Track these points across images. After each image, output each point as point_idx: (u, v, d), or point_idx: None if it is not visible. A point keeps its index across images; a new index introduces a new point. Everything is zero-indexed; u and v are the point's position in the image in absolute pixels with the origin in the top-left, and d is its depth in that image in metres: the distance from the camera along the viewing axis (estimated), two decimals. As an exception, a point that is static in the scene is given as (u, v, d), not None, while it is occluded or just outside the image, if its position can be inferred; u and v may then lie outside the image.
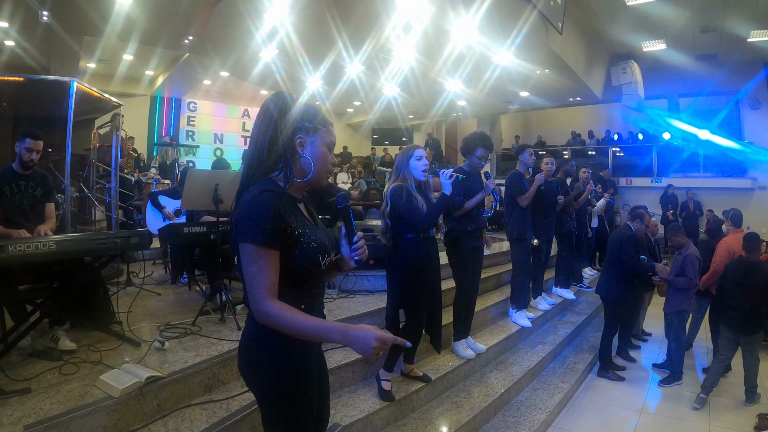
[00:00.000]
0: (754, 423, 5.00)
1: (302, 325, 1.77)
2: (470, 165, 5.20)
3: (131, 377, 2.93)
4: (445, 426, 4.04)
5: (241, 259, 1.82)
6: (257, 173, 1.94)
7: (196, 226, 4.84)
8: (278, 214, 1.82)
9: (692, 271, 5.96)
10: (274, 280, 1.80)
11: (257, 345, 1.91)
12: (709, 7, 12.11)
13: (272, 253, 1.81)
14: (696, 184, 16.34)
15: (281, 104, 1.96)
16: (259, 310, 1.77)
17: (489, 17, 9.59)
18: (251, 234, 1.78)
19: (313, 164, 1.97)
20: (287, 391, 1.92)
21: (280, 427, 1.97)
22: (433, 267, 4.20)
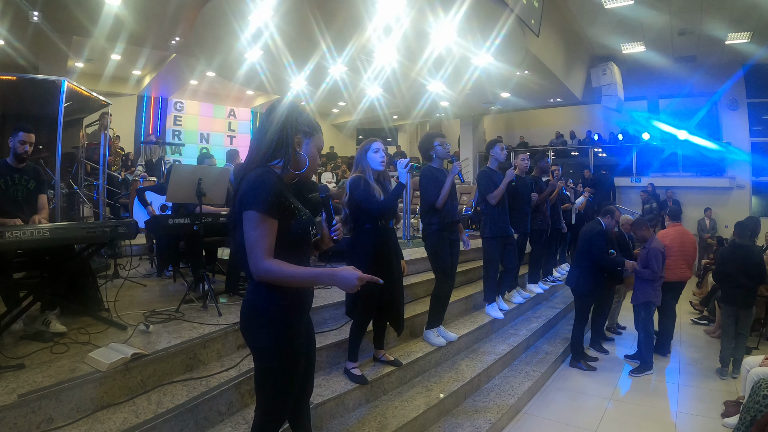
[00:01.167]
0: (721, 410, 5.18)
1: (297, 274, 2.20)
2: (438, 160, 5.27)
3: (117, 354, 3.16)
4: (416, 407, 4.23)
5: (245, 225, 2.21)
6: (262, 160, 2.36)
7: (181, 217, 5.04)
8: (278, 190, 2.25)
9: (656, 263, 6.24)
10: (271, 244, 2.20)
11: (255, 310, 2.32)
12: (686, 11, 12.34)
13: (272, 221, 2.21)
14: (675, 183, 16.60)
15: (290, 109, 2.44)
16: (260, 267, 2.16)
17: (467, 20, 9.74)
18: (256, 203, 2.19)
19: (308, 161, 2.46)
20: (280, 349, 2.31)
21: (271, 379, 2.36)
22: (392, 256, 4.29)
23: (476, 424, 4.39)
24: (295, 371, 2.40)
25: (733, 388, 5.83)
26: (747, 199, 16.01)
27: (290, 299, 2.33)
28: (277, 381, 2.36)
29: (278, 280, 2.20)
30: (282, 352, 2.33)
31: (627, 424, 5.00)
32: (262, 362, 2.36)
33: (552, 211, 8.37)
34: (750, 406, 4.26)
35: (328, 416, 3.84)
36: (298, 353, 2.40)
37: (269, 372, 2.36)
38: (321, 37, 10.99)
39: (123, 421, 2.84)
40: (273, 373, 2.35)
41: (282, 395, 2.40)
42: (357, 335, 4.26)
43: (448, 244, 5.14)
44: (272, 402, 2.40)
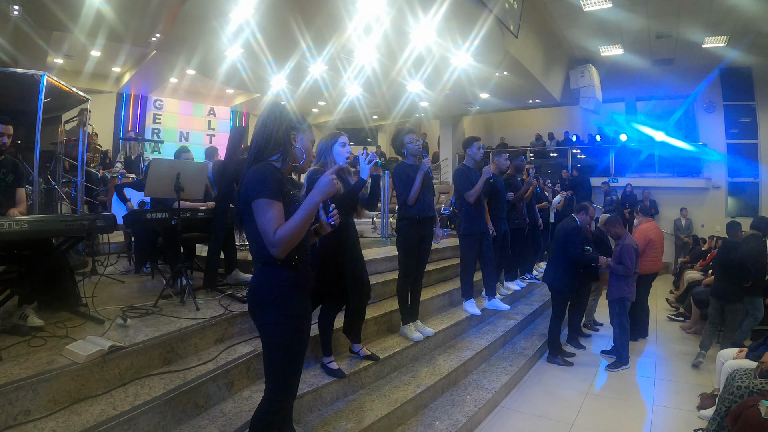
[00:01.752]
0: (697, 403, 5.28)
1: (297, 218, 2.41)
2: (410, 156, 5.29)
3: (95, 346, 3.17)
4: (393, 401, 4.27)
5: (256, 213, 2.44)
6: (263, 155, 2.61)
7: (159, 212, 5.03)
8: (279, 179, 2.51)
9: (629, 260, 6.34)
10: (281, 222, 2.42)
11: (260, 290, 2.58)
12: (663, 15, 12.46)
13: (278, 204, 2.45)
14: (652, 184, 16.80)
15: (282, 109, 2.70)
16: (273, 241, 2.39)
17: (446, 20, 9.77)
18: (262, 192, 2.43)
19: (304, 155, 2.76)
20: (284, 324, 2.57)
21: (279, 354, 2.61)
22: (352, 251, 4.29)
23: (453, 418, 4.44)
24: (300, 346, 2.67)
25: (709, 382, 5.92)
26: (723, 199, 16.28)
27: (290, 280, 2.57)
28: (285, 356, 2.61)
29: (291, 236, 2.40)
30: (286, 327, 2.57)
31: (604, 418, 5.07)
32: (269, 338, 2.61)
33: (528, 209, 8.38)
34: (725, 397, 4.35)
35: (306, 410, 3.86)
36: (300, 331, 2.66)
37: (276, 348, 2.60)
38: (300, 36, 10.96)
39: (100, 413, 2.86)
40: (280, 349, 2.59)
41: (289, 370, 2.65)
42: (325, 328, 4.28)
43: (417, 240, 5.17)
44: (281, 377, 2.64)
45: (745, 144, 16.29)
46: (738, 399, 4.19)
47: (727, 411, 4.19)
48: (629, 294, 6.49)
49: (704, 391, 5.44)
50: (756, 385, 4.22)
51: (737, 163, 16.18)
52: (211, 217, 5.32)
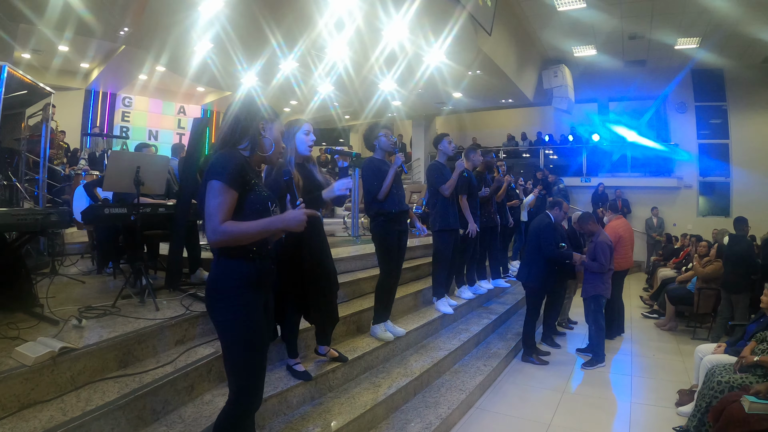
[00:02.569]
0: (675, 399, 5.26)
1: (251, 227, 2.36)
2: (380, 151, 5.16)
3: (45, 348, 2.98)
4: (363, 403, 4.13)
5: (207, 194, 2.35)
6: (229, 143, 2.56)
7: (117, 207, 4.84)
8: (242, 166, 2.44)
9: (603, 256, 6.31)
10: (230, 212, 2.36)
11: (215, 284, 2.48)
12: (636, 16, 12.55)
13: (232, 192, 2.37)
14: (624, 183, 16.95)
15: (253, 100, 2.65)
16: (218, 230, 2.30)
17: (419, 16, 9.68)
18: (220, 174, 2.35)
19: (273, 145, 2.66)
20: (238, 322, 2.44)
21: (235, 354, 2.49)
22: (316, 246, 4.08)
23: (426, 420, 4.33)
24: (258, 344, 2.53)
25: (686, 378, 5.89)
26: (694, 198, 16.52)
27: (247, 274, 2.47)
28: (244, 352, 2.48)
29: (236, 237, 2.34)
30: (241, 324, 2.45)
31: (581, 416, 5.01)
32: (226, 334, 2.49)
33: (498, 207, 8.35)
34: (705, 392, 4.34)
35: (271, 414, 3.70)
36: (257, 327, 2.51)
37: (234, 344, 2.48)
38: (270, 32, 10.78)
39: (49, 419, 2.68)
40: (236, 347, 2.48)
41: (251, 367, 2.52)
42: (290, 328, 4.12)
43: (396, 236, 5.05)
44: (243, 376, 2.51)
45: (716, 144, 16.53)
46: (719, 394, 4.18)
47: (707, 407, 4.17)
48: (604, 291, 6.48)
49: (682, 388, 5.41)
50: (737, 380, 4.21)
51: (708, 162, 16.42)
52: (173, 213, 5.12)
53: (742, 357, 4.41)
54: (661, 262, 12.58)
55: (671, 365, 6.57)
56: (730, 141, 16.31)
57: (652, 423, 4.86)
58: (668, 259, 12.25)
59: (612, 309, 7.35)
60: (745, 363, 4.32)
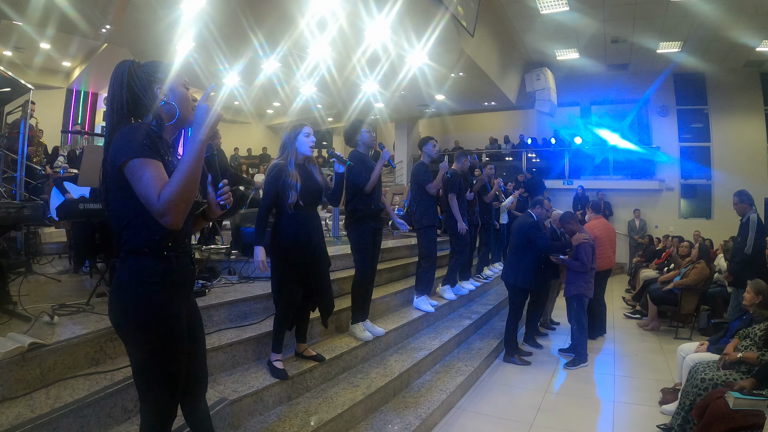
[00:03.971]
0: (659, 398, 5.25)
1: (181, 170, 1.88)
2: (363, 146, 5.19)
3: (14, 343, 2.90)
4: (341, 403, 4.08)
5: (130, 179, 1.93)
6: (119, 125, 2.06)
7: (93, 202, 4.75)
8: (151, 137, 2.01)
9: (586, 256, 6.32)
10: (164, 180, 1.92)
11: (121, 288, 2.07)
12: (619, 19, 12.64)
13: (155, 162, 1.95)
14: (606, 186, 17.11)
15: (127, 67, 2.14)
16: (158, 204, 1.87)
17: (401, 17, 9.63)
18: (132, 151, 1.92)
19: (177, 107, 2.17)
20: (150, 333, 2.05)
21: (147, 371, 2.10)
22: (314, 243, 4.11)
23: (406, 420, 4.29)
24: (176, 359, 2.13)
25: (669, 377, 5.91)
26: (676, 200, 16.70)
27: (160, 274, 2.08)
28: (156, 373, 2.11)
29: (180, 193, 1.87)
30: (155, 336, 2.06)
31: (564, 416, 4.99)
32: (135, 351, 2.11)
33: (484, 208, 8.37)
34: (688, 390, 4.36)
35: (246, 414, 3.65)
36: (175, 338, 2.12)
37: (145, 363, 2.10)
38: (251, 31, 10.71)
39: (16, 416, 2.60)
40: (150, 364, 2.10)
41: (164, 390, 2.13)
42: (280, 324, 4.09)
43: (371, 233, 5.04)
44: (152, 402, 2.15)
45: (697, 147, 16.71)
46: (702, 392, 4.19)
47: (691, 405, 4.18)
48: (587, 291, 6.49)
49: (666, 386, 5.41)
50: (720, 377, 4.23)
51: (690, 165, 16.59)
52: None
53: (725, 354, 4.42)
54: (643, 263, 12.65)
55: (654, 364, 6.58)
56: (711, 144, 16.50)
57: (636, 422, 4.86)
58: (650, 260, 12.33)
59: (594, 310, 7.34)
60: (729, 360, 4.33)
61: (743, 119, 16.08)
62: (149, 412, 2.14)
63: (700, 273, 7.91)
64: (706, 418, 3.80)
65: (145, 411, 2.15)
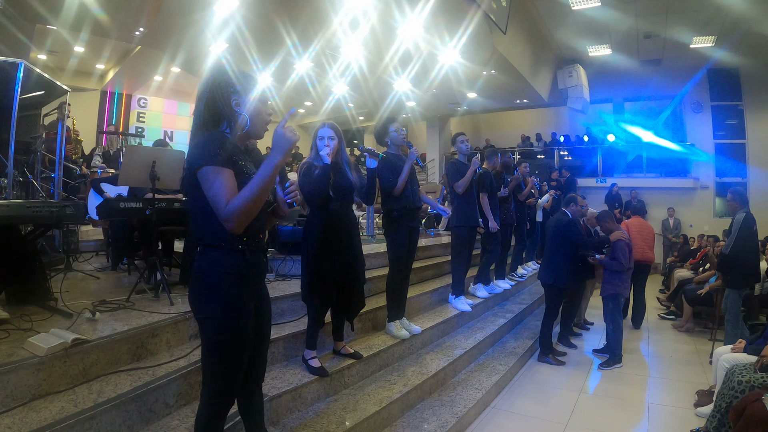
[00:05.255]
0: (694, 400, 5.17)
1: (253, 186, 2.12)
2: (393, 146, 5.15)
3: (58, 339, 2.96)
4: (378, 401, 4.09)
5: (203, 185, 2.18)
6: (201, 129, 2.33)
7: (132, 201, 4.81)
8: (223, 145, 2.24)
9: (622, 255, 6.26)
10: (233, 191, 2.16)
11: (200, 278, 2.31)
12: (651, 14, 12.49)
13: (227, 171, 2.19)
14: (640, 184, 16.85)
15: (217, 73, 2.38)
16: (227, 209, 2.11)
17: (434, 15, 9.64)
18: (206, 158, 2.17)
19: (249, 119, 2.35)
20: (224, 320, 2.28)
21: (216, 354, 2.32)
22: (345, 241, 4.12)
23: (442, 419, 4.28)
24: (242, 346, 2.35)
25: (704, 379, 5.80)
26: (711, 199, 16.39)
27: (234, 266, 2.30)
28: (222, 356, 2.32)
29: (245, 206, 2.11)
30: (226, 323, 2.28)
31: (598, 417, 4.94)
32: (206, 334, 2.32)
33: (519, 207, 8.34)
34: (725, 392, 4.24)
35: (285, 410, 3.67)
36: (244, 326, 2.34)
37: (213, 346, 2.32)
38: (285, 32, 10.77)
39: (60, 410, 2.66)
40: (217, 348, 2.31)
41: (226, 373, 2.34)
42: (315, 321, 4.11)
43: (407, 232, 5.02)
44: (217, 379, 2.34)
45: (732, 144, 16.40)
46: (739, 394, 4.07)
47: (727, 407, 4.07)
48: (623, 290, 6.43)
49: (701, 388, 5.32)
50: (757, 379, 4.11)
51: (725, 163, 16.32)
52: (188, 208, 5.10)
53: (763, 356, 4.32)
54: (678, 263, 12.46)
55: (689, 366, 6.48)
56: (746, 141, 16.21)
57: (670, 424, 4.78)
58: (685, 260, 12.12)
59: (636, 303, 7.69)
60: (766, 362, 4.24)
61: (779, 116, 15.78)
62: (210, 393, 2.36)
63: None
64: (743, 421, 3.71)
65: (206, 392, 2.38)
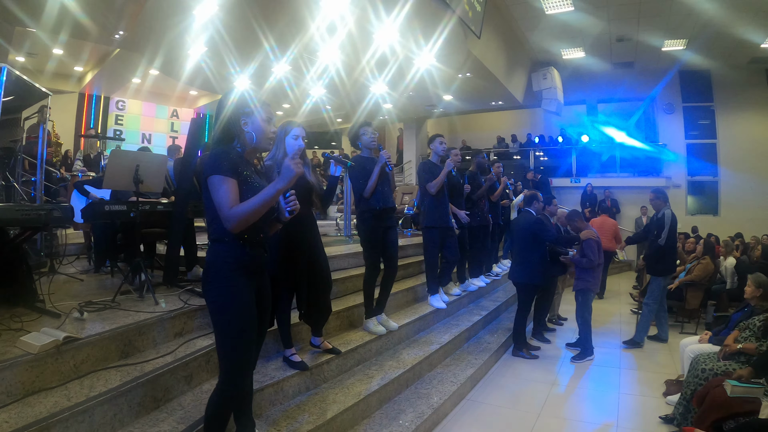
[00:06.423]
0: (663, 389, 5.38)
1: (257, 201, 2.52)
2: (365, 149, 5.25)
3: (49, 337, 3.08)
4: (357, 393, 4.23)
5: (211, 191, 2.58)
6: (221, 141, 2.75)
7: (117, 204, 4.89)
8: (233, 159, 2.63)
9: (591, 252, 6.44)
10: (235, 198, 2.55)
11: (207, 267, 2.69)
12: (624, 18, 12.74)
13: (232, 180, 2.57)
14: (613, 184, 17.19)
15: (230, 96, 2.79)
16: (228, 215, 2.50)
17: (409, 20, 9.74)
18: (214, 169, 2.56)
19: (255, 136, 2.77)
20: (226, 304, 2.63)
21: (225, 337, 2.67)
22: (309, 243, 4.19)
23: (419, 410, 4.43)
24: (248, 327, 2.68)
25: (674, 370, 6.03)
26: (683, 197, 16.80)
27: (237, 259, 2.65)
28: (231, 338, 2.64)
29: (245, 215, 2.50)
30: (232, 307, 2.62)
31: (571, 407, 5.16)
32: (214, 318, 2.68)
33: (492, 207, 8.49)
34: (690, 380, 4.51)
35: (268, 403, 3.81)
36: (245, 310, 2.66)
37: (221, 329, 2.66)
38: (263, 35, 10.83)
39: (54, 405, 2.78)
40: (225, 330, 2.65)
41: (237, 353, 2.65)
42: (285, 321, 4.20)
43: (381, 232, 5.12)
44: (229, 360, 2.66)
45: (704, 144, 16.82)
46: (703, 381, 4.34)
47: (692, 394, 4.32)
48: (593, 286, 6.64)
49: (669, 378, 5.55)
50: (720, 367, 4.38)
51: (696, 162, 16.71)
52: (171, 210, 5.21)
53: (725, 345, 4.57)
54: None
55: (659, 358, 6.71)
56: (717, 141, 16.62)
57: (642, 412, 4.99)
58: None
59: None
60: (729, 351, 4.49)
61: (749, 116, 16.18)
62: (224, 377, 2.68)
63: (705, 269, 8.05)
64: (705, 406, 3.95)
65: (222, 375, 2.69)
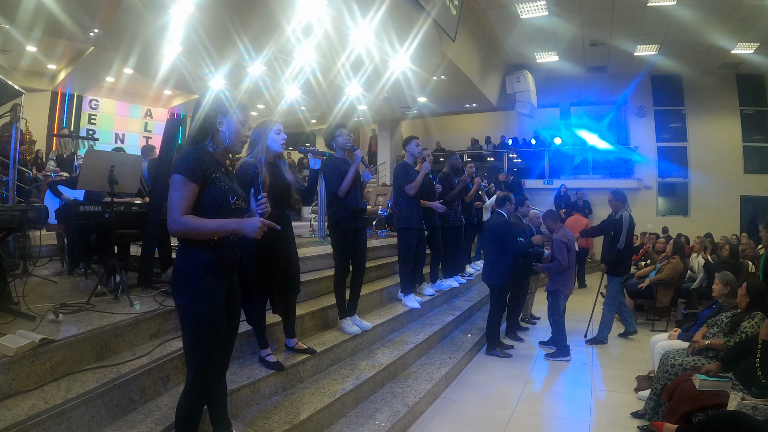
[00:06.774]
0: (635, 385, 5.49)
1: (208, 225, 2.57)
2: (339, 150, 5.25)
3: (25, 339, 3.07)
4: (332, 393, 4.27)
5: (171, 187, 2.58)
6: (191, 142, 2.78)
7: (92, 205, 4.87)
8: (201, 160, 2.63)
9: (560, 255, 6.54)
10: (189, 205, 2.57)
11: (177, 270, 2.68)
12: (597, 23, 12.94)
13: (193, 186, 2.58)
14: (585, 185, 17.34)
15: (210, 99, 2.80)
16: (177, 221, 2.52)
17: (384, 23, 9.80)
18: (180, 168, 2.56)
19: (228, 137, 2.81)
20: (194, 307, 2.62)
21: (192, 338, 2.66)
22: (281, 244, 4.14)
23: (394, 408, 4.49)
24: (214, 330, 2.66)
25: (645, 366, 6.13)
26: (654, 198, 17.17)
27: (207, 261, 2.65)
28: (197, 340, 2.65)
29: (192, 230, 2.55)
30: (200, 309, 2.61)
31: (544, 404, 5.27)
32: (183, 320, 2.67)
33: (465, 207, 8.58)
34: (660, 376, 4.63)
35: (244, 404, 3.83)
36: (215, 313, 2.66)
37: (189, 330, 2.66)
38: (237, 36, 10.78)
39: (31, 407, 2.78)
40: (193, 332, 2.65)
41: (203, 356, 2.67)
42: (259, 322, 4.21)
43: (351, 233, 5.17)
44: (197, 361, 2.68)
45: (674, 147, 17.14)
46: (672, 376, 4.46)
47: (662, 389, 4.44)
48: (564, 288, 6.71)
49: (640, 374, 5.67)
50: (689, 362, 4.50)
51: (667, 164, 17.02)
52: (145, 211, 5.20)
53: (694, 341, 4.71)
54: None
55: (631, 355, 6.85)
56: (688, 144, 16.96)
57: (614, 408, 5.09)
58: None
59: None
60: (697, 347, 4.63)
61: (719, 119, 16.54)
62: (191, 377, 2.69)
63: (675, 268, 8.21)
64: (674, 399, 4.07)
65: (189, 376, 2.71)
